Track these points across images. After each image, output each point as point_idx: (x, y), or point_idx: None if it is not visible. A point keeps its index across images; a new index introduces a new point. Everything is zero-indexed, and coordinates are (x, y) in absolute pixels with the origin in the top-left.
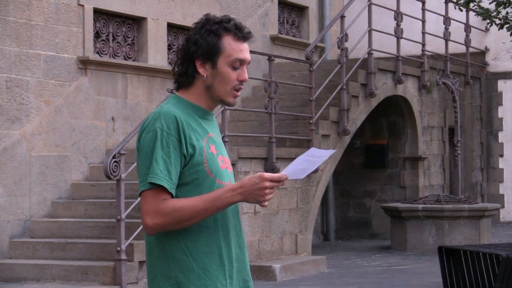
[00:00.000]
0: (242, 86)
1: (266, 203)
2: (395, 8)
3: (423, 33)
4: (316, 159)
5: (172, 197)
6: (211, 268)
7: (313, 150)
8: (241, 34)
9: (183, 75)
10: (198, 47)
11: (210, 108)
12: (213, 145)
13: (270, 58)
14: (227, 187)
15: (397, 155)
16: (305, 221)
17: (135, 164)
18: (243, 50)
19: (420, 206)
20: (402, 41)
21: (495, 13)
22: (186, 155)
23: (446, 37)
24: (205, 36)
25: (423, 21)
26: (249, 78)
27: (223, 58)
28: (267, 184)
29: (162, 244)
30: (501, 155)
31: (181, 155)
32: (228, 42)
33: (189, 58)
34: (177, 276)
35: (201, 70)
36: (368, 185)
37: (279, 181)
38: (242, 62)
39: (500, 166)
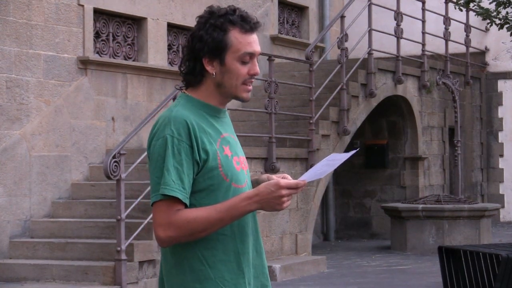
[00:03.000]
0: (253, 80)
1: (286, 204)
2: (395, 8)
3: (423, 33)
4: (335, 162)
5: (186, 206)
6: (229, 277)
7: (333, 155)
8: (248, 25)
9: (191, 73)
10: (203, 44)
11: (222, 104)
12: (227, 147)
13: (270, 58)
14: (243, 195)
15: (397, 155)
16: (305, 221)
17: (135, 164)
18: (252, 42)
19: (420, 206)
20: (402, 41)
21: (495, 13)
22: (199, 162)
23: (446, 37)
24: (210, 32)
25: (423, 21)
26: None
27: (231, 53)
28: (284, 192)
29: (178, 253)
30: (501, 155)
31: (194, 162)
32: (235, 36)
33: (196, 55)
34: (194, 286)
35: (209, 68)
36: (368, 185)
37: (296, 188)
38: (251, 55)
39: (500, 166)
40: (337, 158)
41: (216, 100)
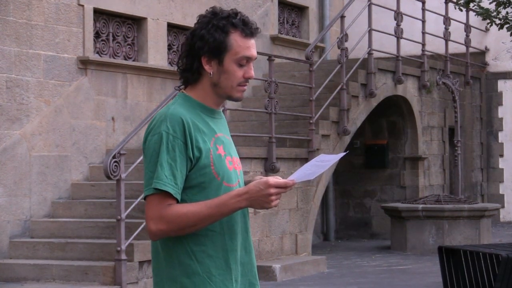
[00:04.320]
0: (247, 83)
1: (274, 203)
2: (395, 8)
3: (423, 33)
4: (325, 163)
5: (178, 201)
6: (216, 272)
7: (322, 156)
8: (249, 30)
9: (188, 71)
10: (204, 43)
11: (217, 105)
12: (220, 146)
13: (270, 58)
14: (233, 192)
15: (397, 155)
16: (305, 221)
17: (135, 164)
18: (250, 47)
19: (420, 206)
20: (402, 41)
21: (495, 13)
22: (192, 159)
23: (446, 37)
24: (212, 32)
25: (423, 21)
26: None
27: (230, 55)
28: (273, 190)
29: (168, 247)
30: (501, 155)
31: (187, 159)
32: (235, 39)
33: (195, 53)
34: (182, 280)
35: (207, 67)
36: (368, 185)
37: (285, 187)
38: (248, 59)
39: (500, 166)
40: (327, 159)
41: (211, 100)
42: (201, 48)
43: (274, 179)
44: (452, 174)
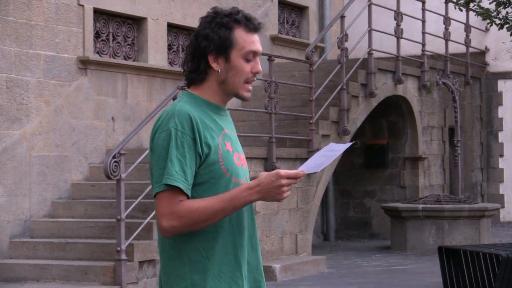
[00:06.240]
0: (255, 79)
1: (286, 194)
2: (395, 8)
3: (423, 33)
4: (333, 153)
5: (188, 197)
6: (226, 269)
7: (331, 145)
8: (252, 25)
9: (195, 71)
10: (210, 42)
11: (224, 103)
12: (228, 142)
13: (270, 58)
14: (244, 186)
15: (397, 155)
16: (305, 221)
17: (135, 164)
18: (255, 41)
19: (420, 206)
20: (402, 41)
21: (495, 13)
22: (201, 155)
23: (446, 37)
24: (216, 30)
25: (423, 21)
26: None
27: (236, 51)
28: (284, 181)
29: (177, 245)
30: (501, 155)
31: (196, 155)
32: (240, 35)
33: (201, 53)
34: (192, 277)
35: (214, 65)
36: (368, 185)
37: (296, 177)
38: (255, 53)
39: (500, 166)
40: (335, 149)
41: (218, 98)
42: (207, 47)
43: (284, 170)
44: (452, 174)
